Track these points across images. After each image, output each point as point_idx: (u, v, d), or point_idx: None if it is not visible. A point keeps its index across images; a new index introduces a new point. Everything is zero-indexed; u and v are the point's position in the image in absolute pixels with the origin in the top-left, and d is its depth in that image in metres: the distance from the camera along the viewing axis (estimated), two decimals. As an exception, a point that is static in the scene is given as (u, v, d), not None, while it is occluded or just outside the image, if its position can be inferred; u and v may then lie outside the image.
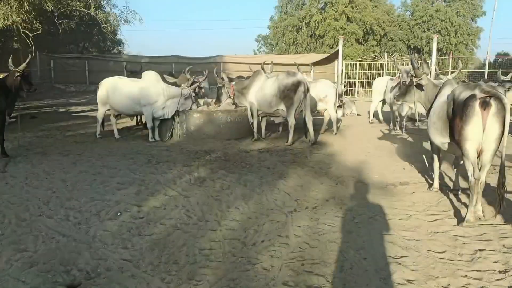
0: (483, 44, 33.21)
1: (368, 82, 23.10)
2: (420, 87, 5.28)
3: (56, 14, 14.28)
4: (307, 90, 8.16)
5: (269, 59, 22.97)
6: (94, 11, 14.17)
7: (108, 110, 8.78)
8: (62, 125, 11.01)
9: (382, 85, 11.51)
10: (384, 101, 11.78)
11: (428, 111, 5.11)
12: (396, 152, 7.68)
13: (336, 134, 9.67)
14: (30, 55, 7.80)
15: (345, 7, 31.42)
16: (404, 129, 10.20)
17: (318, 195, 5.03)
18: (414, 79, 5.28)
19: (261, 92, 8.44)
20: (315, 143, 8.41)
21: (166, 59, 25.71)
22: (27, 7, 11.25)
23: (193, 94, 8.80)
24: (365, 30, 32.28)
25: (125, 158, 7.02)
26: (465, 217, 4.01)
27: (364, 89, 23.82)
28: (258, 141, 8.62)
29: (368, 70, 22.65)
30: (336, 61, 21.99)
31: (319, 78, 12.13)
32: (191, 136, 8.67)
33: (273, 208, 4.53)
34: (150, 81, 8.40)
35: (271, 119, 9.23)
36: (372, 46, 33.27)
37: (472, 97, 3.79)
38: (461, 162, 4.67)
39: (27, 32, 12.28)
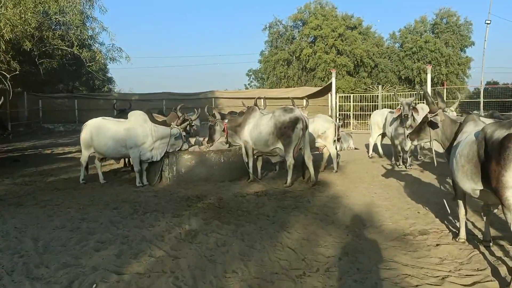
0: (473, 73, 33.40)
1: (362, 114, 22.80)
2: (434, 124, 4.74)
3: (35, 53, 13.82)
4: (305, 127, 7.62)
5: (262, 93, 22.69)
6: (77, 49, 13.71)
7: (93, 153, 8.15)
8: (45, 169, 10.31)
9: (381, 118, 11.06)
10: (383, 135, 11.30)
11: (447, 149, 4.55)
12: (405, 192, 7.08)
13: (336, 171, 9.07)
14: (1, 97, 7.21)
15: (334, 40, 31.60)
16: (408, 164, 9.64)
17: (328, 251, 4.36)
18: (429, 115, 4.74)
19: (257, 130, 7.88)
20: (316, 184, 7.79)
21: (156, 96, 25.34)
22: (4, 47, 10.74)
23: (184, 134, 8.20)
24: (355, 62, 32.37)
25: (108, 208, 6.32)
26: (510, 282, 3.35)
27: (357, 121, 23.51)
28: (254, 183, 7.98)
29: (361, 102, 22.39)
30: (329, 94, 21.73)
31: (314, 112, 11.68)
32: (182, 179, 8.01)
33: (278, 272, 3.84)
34: (137, 121, 7.82)
35: (267, 157, 8.64)
36: (364, 78, 33.29)
37: (510, 137, 3.22)
38: (495, 210, 4.10)
39: (4, 72, 11.72)
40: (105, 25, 15.20)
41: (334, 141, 9.23)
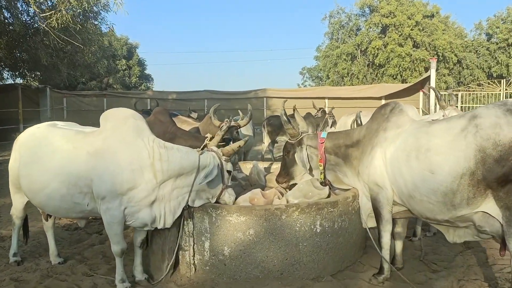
0: None
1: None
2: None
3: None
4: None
5: (327, 92, 17.79)
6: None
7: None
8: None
9: None
10: None
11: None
12: None
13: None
14: None
15: (411, 29, 26.15)
16: None
17: None
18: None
19: (412, 159, 3.09)
20: None
21: (197, 95, 21.05)
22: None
23: (227, 162, 3.56)
24: (436, 56, 26.71)
25: None
26: None
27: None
28: (390, 281, 3.27)
29: (474, 103, 16.81)
30: (420, 93, 16.46)
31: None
32: (223, 269, 3.40)
33: None
34: (120, 133, 3.26)
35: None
36: (443, 76, 27.58)
37: None
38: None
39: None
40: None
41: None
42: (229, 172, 3.53)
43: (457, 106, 6.09)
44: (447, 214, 2.96)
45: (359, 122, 4.62)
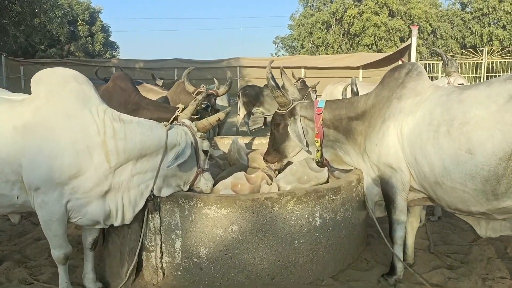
0: None
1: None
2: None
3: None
4: None
5: (303, 61, 17.03)
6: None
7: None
8: None
9: None
10: None
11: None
12: None
13: None
14: None
15: (387, -3, 25.47)
16: None
17: None
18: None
19: (442, 135, 2.42)
20: None
21: (166, 63, 19.83)
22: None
23: (204, 140, 2.79)
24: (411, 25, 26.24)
25: None
26: None
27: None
28: (403, 282, 2.69)
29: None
30: (399, 62, 15.95)
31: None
32: (199, 274, 2.69)
33: None
34: (59, 100, 2.42)
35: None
36: (418, 46, 27.19)
37: None
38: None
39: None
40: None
41: None
42: (205, 152, 2.77)
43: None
44: (486, 205, 2.33)
45: (355, 90, 3.91)
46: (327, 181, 3.14)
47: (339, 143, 3.12)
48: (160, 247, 2.75)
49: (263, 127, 12.35)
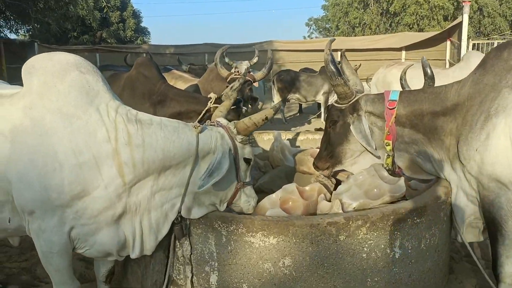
0: None
1: None
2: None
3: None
4: None
5: (340, 43, 16.02)
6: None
7: None
8: None
9: None
10: None
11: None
12: None
13: None
14: None
15: (430, -26, 23.85)
16: None
17: None
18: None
19: None
20: None
21: (196, 48, 19.23)
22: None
23: (245, 145, 2.13)
24: (455, 4, 24.56)
25: None
26: None
27: None
28: None
29: None
30: (448, 42, 14.72)
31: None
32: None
33: None
34: (56, 96, 1.82)
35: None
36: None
37: None
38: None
39: None
40: None
41: None
42: (247, 161, 2.13)
43: None
44: None
45: (429, 73, 3.12)
46: (403, 196, 2.44)
47: (417, 145, 2.41)
48: (191, 281, 2.16)
49: (298, 114, 11.66)
